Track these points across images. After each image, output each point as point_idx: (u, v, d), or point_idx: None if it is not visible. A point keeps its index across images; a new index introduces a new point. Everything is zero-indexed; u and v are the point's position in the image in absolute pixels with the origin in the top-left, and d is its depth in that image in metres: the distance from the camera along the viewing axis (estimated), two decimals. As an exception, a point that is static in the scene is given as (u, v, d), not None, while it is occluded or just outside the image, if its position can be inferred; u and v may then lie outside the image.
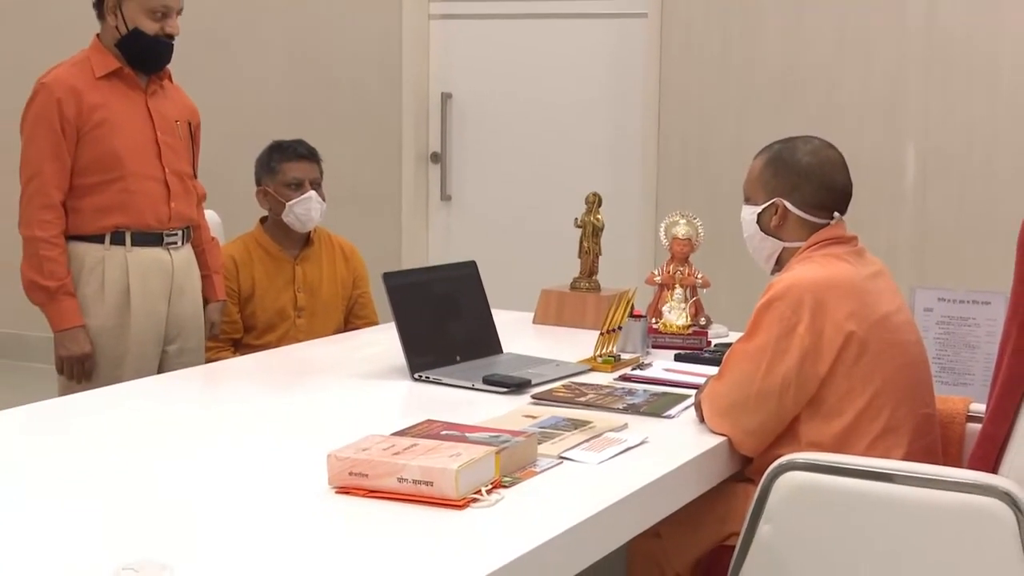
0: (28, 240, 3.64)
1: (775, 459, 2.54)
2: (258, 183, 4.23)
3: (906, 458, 2.66)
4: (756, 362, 2.69)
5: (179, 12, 3.71)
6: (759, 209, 2.93)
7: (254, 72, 6.45)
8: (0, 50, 6.96)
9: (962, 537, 2.38)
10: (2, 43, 6.97)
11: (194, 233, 3.92)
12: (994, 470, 2.50)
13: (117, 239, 3.70)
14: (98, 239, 3.69)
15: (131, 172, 3.68)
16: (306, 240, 4.28)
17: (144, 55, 3.72)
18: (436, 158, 6.25)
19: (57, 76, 3.67)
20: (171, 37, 3.71)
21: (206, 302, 3.95)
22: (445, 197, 6.26)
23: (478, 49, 6.15)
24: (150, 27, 3.66)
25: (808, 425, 2.70)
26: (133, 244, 3.71)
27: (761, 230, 2.93)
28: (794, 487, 2.49)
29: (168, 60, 3.78)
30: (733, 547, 2.58)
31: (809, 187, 2.87)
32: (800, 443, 2.67)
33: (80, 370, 3.67)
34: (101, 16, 3.71)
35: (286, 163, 4.18)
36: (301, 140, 4.28)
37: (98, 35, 3.74)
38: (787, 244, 2.91)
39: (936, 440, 2.87)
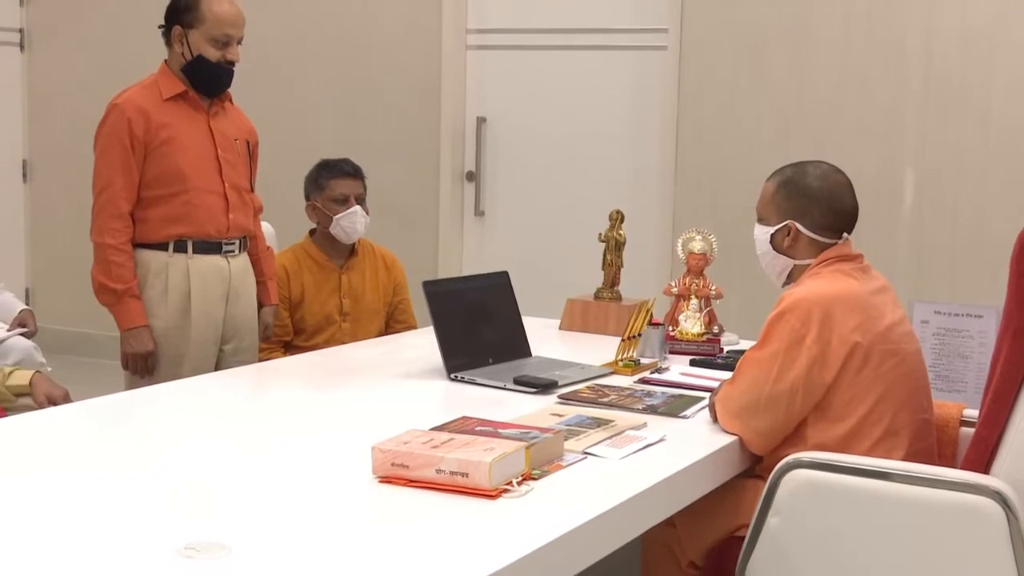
0: (98, 247, 3.66)
1: (783, 458, 2.53)
2: (307, 198, 4.24)
3: (905, 459, 2.64)
4: (767, 369, 2.68)
5: (239, 41, 3.73)
6: (772, 230, 2.91)
7: (307, 96, 6.46)
8: (80, 75, 7.01)
9: (956, 532, 2.37)
10: (83, 68, 7.01)
11: (250, 242, 3.93)
12: (986, 471, 2.49)
13: (180, 247, 3.71)
14: (162, 247, 3.70)
15: (193, 186, 3.70)
16: (351, 250, 4.29)
17: (207, 79, 3.73)
18: (471, 177, 6.25)
19: (128, 98, 3.69)
20: (232, 63, 3.72)
21: (260, 306, 3.96)
22: (479, 212, 6.26)
23: (510, 77, 6.15)
24: (213, 54, 3.68)
25: (815, 428, 2.69)
26: (194, 252, 3.73)
27: (774, 249, 2.92)
28: (800, 484, 2.48)
29: (228, 84, 3.80)
30: (743, 538, 2.58)
31: (819, 210, 2.86)
32: (807, 444, 2.66)
33: (143, 367, 3.68)
34: (169, 44, 3.73)
35: (333, 180, 4.19)
36: (347, 159, 4.29)
37: (166, 61, 3.76)
38: (798, 262, 2.90)
39: (933, 443, 2.85)
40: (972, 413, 2.91)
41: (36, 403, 3.34)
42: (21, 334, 4.40)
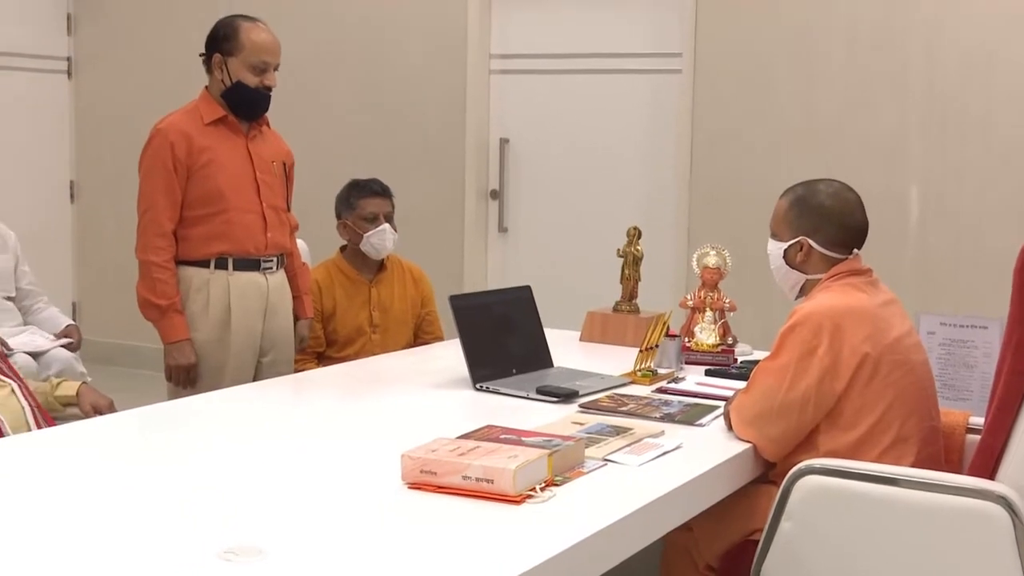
0: (143, 264, 3.67)
1: (795, 464, 2.52)
2: (338, 217, 4.24)
3: (914, 465, 2.63)
4: (780, 378, 2.67)
5: (276, 67, 3.74)
6: (785, 245, 2.90)
7: (339, 119, 6.49)
8: (124, 101, 7.05)
9: (963, 536, 2.35)
10: (127, 94, 7.06)
11: (287, 259, 3.93)
12: (992, 477, 2.48)
13: (220, 264, 3.72)
14: (204, 264, 3.71)
15: (233, 206, 3.70)
16: (380, 266, 4.29)
17: (245, 105, 3.74)
18: (495, 195, 6.25)
19: (171, 122, 3.70)
20: (269, 89, 3.73)
21: (296, 319, 3.96)
22: (502, 229, 6.26)
23: (532, 100, 6.15)
24: (251, 80, 3.69)
25: (826, 435, 2.67)
26: (234, 268, 3.73)
27: (787, 264, 2.91)
28: (812, 489, 2.47)
29: (266, 109, 3.80)
30: (757, 541, 2.57)
31: (831, 227, 2.85)
32: (818, 451, 2.65)
33: (186, 378, 3.69)
34: (209, 71, 3.74)
35: (363, 199, 4.19)
36: (376, 179, 4.29)
37: (206, 87, 3.77)
38: (810, 276, 2.88)
39: (940, 449, 2.84)
40: (977, 421, 2.90)
41: (83, 412, 3.35)
42: (63, 346, 4.42)
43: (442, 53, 6.21)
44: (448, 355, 3.58)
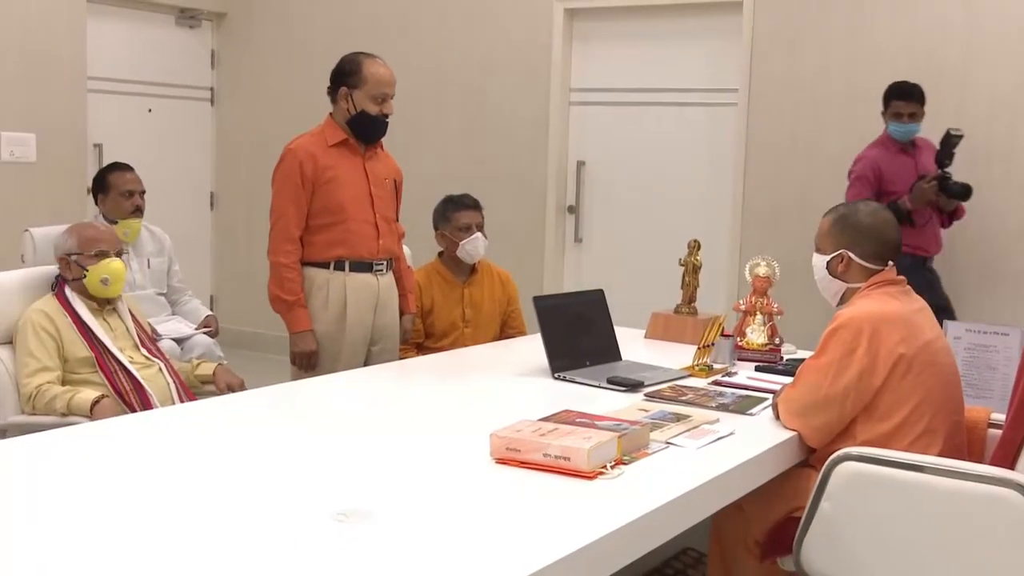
0: (274, 264, 3.70)
1: (835, 451, 2.47)
2: (436, 228, 4.24)
3: (940, 455, 2.57)
4: (824, 375, 2.63)
5: (392, 96, 3.74)
6: (828, 258, 2.86)
7: (441, 145, 6.52)
8: (257, 125, 7.16)
9: (984, 519, 2.29)
10: (260, 120, 7.16)
11: (395, 263, 3.94)
12: (1012, 467, 2.42)
13: (339, 266, 3.73)
14: (324, 265, 3.73)
15: (351, 216, 3.72)
16: (472, 269, 4.29)
17: (367, 130, 3.74)
18: (571, 210, 6.23)
19: (300, 144, 3.72)
20: (387, 116, 3.74)
21: (401, 314, 3.98)
22: (578, 239, 6.24)
23: (605, 128, 6.12)
24: (372, 109, 3.70)
25: (863, 426, 2.62)
26: (350, 270, 3.75)
27: (830, 274, 2.86)
28: (849, 474, 2.42)
29: (383, 134, 3.80)
30: (799, 518, 2.52)
31: (869, 242, 2.80)
32: (856, 440, 2.60)
33: (308, 363, 3.71)
34: (334, 101, 3.74)
35: (457, 212, 4.19)
36: (467, 193, 4.29)
37: (330, 114, 3.78)
38: (850, 285, 2.83)
39: (964, 441, 2.77)
40: (998, 417, 2.84)
41: (218, 390, 3.41)
42: (204, 333, 4.49)
43: (528, 87, 6.21)
44: (530, 348, 3.57)
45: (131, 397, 3.20)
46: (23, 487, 2.01)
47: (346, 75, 3.70)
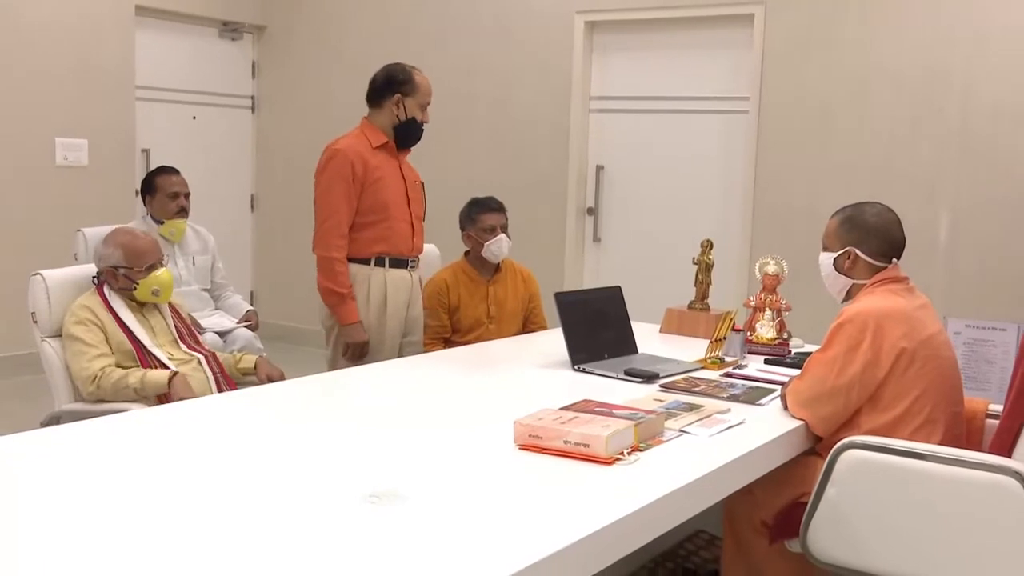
0: (325, 259, 3.65)
1: (840, 440, 2.47)
2: (462, 229, 4.24)
3: (941, 444, 2.56)
4: (830, 367, 2.63)
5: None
6: (835, 255, 2.85)
7: (468, 150, 6.53)
8: (294, 132, 7.19)
9: (982, 505, 2.29)
10: (296, 127, 7.20)
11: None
12: (1008, 455, 2.41)
13: (379, 262, 3.73)
14: (366, 261, 3.71)
15: (392, 215, 3.71)
16: (496, 268, 4.29)
17: (411, 135, 3.76)
18: (591, 212, 6.23)
19: (348, 144, 3.68)
20: (425, 123, 3.77)
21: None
22: (596, 239, 6.24)
23: (623, 134, 6.12)
24: (420, 116, 3.72)
25: (867, 416, 2.62)
26: (390, 266, 3.75)
27: (836, 271, 2.85)
28: (854, 461, 2.42)
29: (420, 139, 3.82)
30: (806, 503, 2.52)
31: (875, 240, 2.79)
32: (860, 429, 2.60)
33: (360, 352, 3.69)
34: (378, 105, 3.73)
35: (482, 214, 4.18)
36: (492, 196, 4.29)
37: (366, 117, 3.77)
38: (856, 282, 2.83)
39: (963, 431, 2.76)
40: (996, 408, 2.82)
41: (259, 380, 3.43)
42: (245, 326, 4.51)
43: (550, 95, 6.21)
44: (551, 341, 3.58)
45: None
46: (79, 471, 2.04)
47: (400, 83, 3.70)
